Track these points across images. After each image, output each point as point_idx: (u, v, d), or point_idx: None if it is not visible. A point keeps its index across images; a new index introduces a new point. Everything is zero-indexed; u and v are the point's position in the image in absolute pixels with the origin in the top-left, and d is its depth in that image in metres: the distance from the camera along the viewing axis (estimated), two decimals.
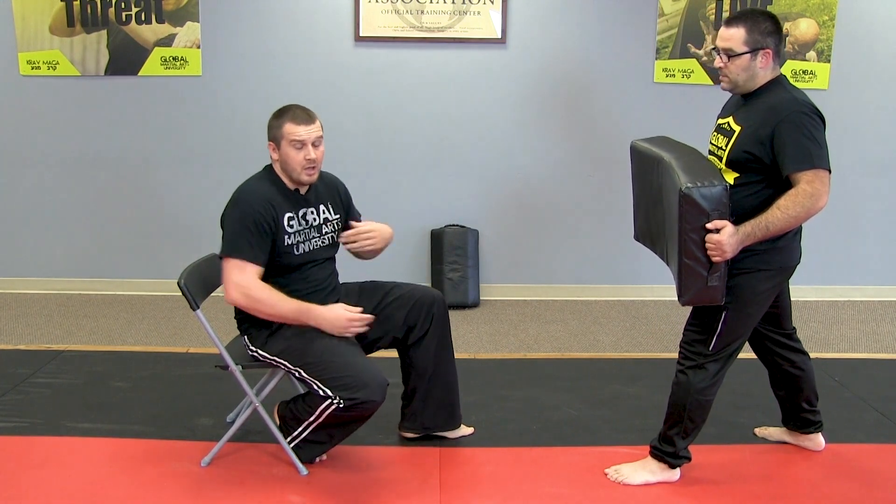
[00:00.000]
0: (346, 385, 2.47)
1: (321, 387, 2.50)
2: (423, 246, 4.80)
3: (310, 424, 2.59)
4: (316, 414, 2.55)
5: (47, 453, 2.81)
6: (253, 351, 2.69)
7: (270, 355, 2.64)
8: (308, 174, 2.66)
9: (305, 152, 2.62)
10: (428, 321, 2.80)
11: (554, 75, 4.62)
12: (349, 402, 2.47)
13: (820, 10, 4.56)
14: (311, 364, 2.54)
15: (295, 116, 2.63)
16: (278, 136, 2.63)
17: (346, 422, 2.59)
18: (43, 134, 4.67)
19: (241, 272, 2.56)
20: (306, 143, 2.62)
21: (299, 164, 2.63)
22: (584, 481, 2.67)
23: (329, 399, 2.49)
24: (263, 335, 2.66)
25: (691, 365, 2.56)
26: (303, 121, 2.62)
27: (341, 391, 2.47)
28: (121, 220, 4.77)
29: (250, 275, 2.56)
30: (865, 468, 2.79)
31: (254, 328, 2.68)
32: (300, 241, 2.67)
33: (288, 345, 2.60)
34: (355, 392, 2.46)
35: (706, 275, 2.33)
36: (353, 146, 4.62)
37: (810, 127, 2.33)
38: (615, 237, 4.69)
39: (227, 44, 4.56)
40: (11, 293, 4.77)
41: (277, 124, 2.64)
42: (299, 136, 2.60)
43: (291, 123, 2.61)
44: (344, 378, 2.48)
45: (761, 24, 2.42)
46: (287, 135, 2.61)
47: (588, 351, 4.00)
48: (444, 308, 2.86)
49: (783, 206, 2.32)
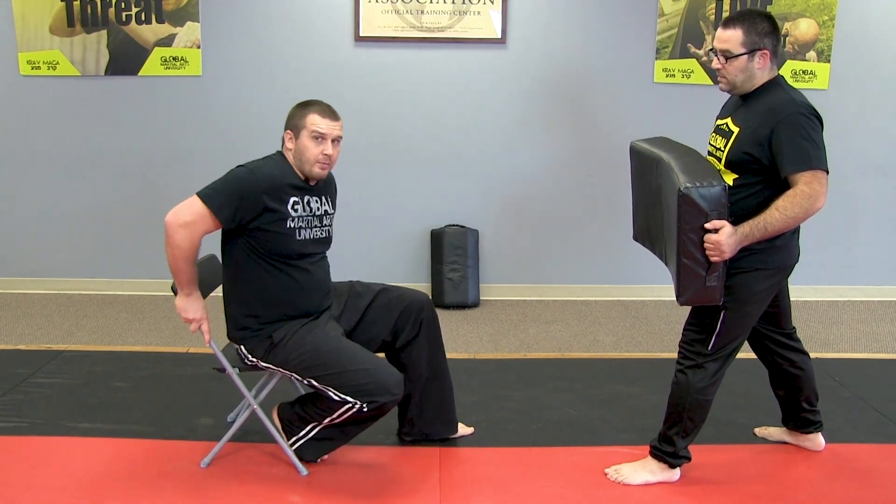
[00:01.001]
0: (367, 391, 2.46)
1: (337, 394, 2.49)
2: (423, 246, 4.80)
3: (322, 424, 2.59)
4: (334, 416, 2.54)
5: (47, 453, 2.81)
6: (252, 362, 2.66)
7: (274, 366, 2.62)
8: (321, 168, 2.62)
9: (324, 147, 2.59)
10: (416, 327, 2.78)
11: (554, 75, 4.63)
12: (372, 404, 2.47)
13: (820, 10, 4.56)
14: (325, 375, 2.50)
15: (321, 110, 2.61)
16: (299, 126, 2.60)
17: (366, 419, 2.59)
18: (43, 134, 4.68)
19: (195, 211, 2.50)
20: (326, 137, 2.59)
21: (314, 156, 2.59)
22: (584, 481, 2.67)
23: (349, 404, 2.48)
24: (263, 348, 2.62)
25: (690, 364, 2.56)
26: (328, 115, 2.61)
27: (363, 397, 2.46)
28: (121, 220, 4.77)
29: (198, 220, 2.50)
30: (865, 468, 2.79)
31: (254, 339, 2.63)
32: (302, 226, 2.63)
33: (292, 356, 2.56)
34: (377, 396, 2.46)
35: (704, 275, 2.33)
36: (352, 146, 4.60)
37: (808, 128, 2.33)
38: (615, 237, 4.69)
39: (227, 44, 4.56)
40: (11, 293, 4.77)
41: (301, 113, 2.61)
42: (321, 129, 2.58)
43: (317, 115, 2.59)
44: (364, 385, 2.47)
45: (758, 24, 2.42)
46: (309, 125, 2.58)
47: (588, 351, 4.00)
48: (433, 312, 2.84)
49: (781, 207, 2.32)
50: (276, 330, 2.60)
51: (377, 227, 4.79)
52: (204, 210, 2.50)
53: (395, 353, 2.81)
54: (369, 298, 2.80)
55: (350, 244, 4.44)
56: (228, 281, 2.70)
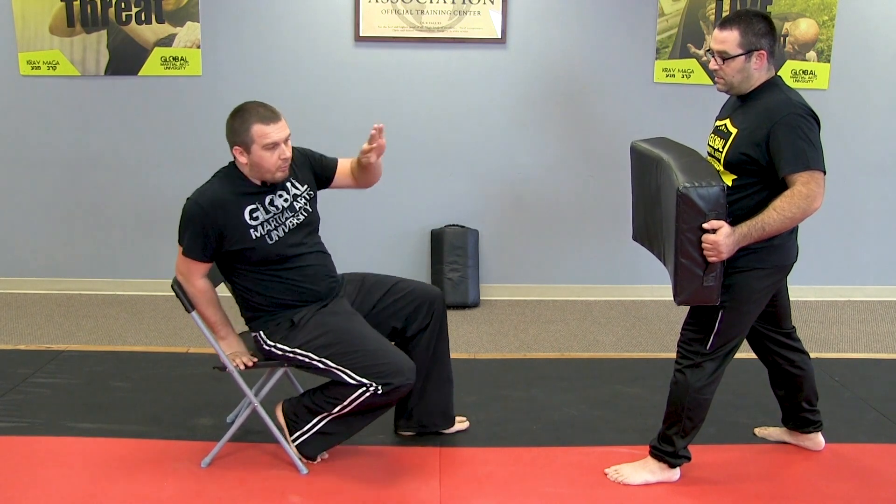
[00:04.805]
0: (382, 372, 2.49)
1: (353, 375, 2.50)
2: (423, 246, 4.79)
3: (332, 414, 2.59)
4: (346, 402, 2.54)
5: (47, 453, 2.81)
6: (270, 345, 2.66)
7: (290, 348, 2.62)
8: (282, 172, 2.59)
9: (280, 152, 2.54)
10: (428, 318, 2.81)
11: (554, 75, 4.62)
12: (387, 387, 2.48)
13: (820, 10, 4.56)
14: (341, 354, 2.53)
15: (262, 116, 2.51)
16: (247, 140, 2.51)
17: (376, 408, 2.61)
18: (43, 134, 4.67)
19: (185, 263, 2.61)
20: (279, 142, 2.53)
21: (274, 164, 2.54)
22: (584, 481, 2.67)
23: (364, 387, 2.50)
24: (283, 329, 2.64)
25: (689, 364, 2.56)
26: (271, 120, 2.52)
27: (377, 378, 2.48)
28: (121, 220, 4.77)
29: (191, 269, 2.61)
30: (865, 468, 2.79)
31: (272, 322, 2.66)
32: (271, 228, 2.60)
33: (312, 336, 2.59)
34: (392, 378, 2.48)
35: (702, 275, 2.34)
36: (352, 146, 4.56)
37: (805, 128, 2.34)
38: (615, 237, 4.68)
39: (227, 44, 4.56)
40: (11, 293, 4.77)
41: (243, 127, 2.51)
42: (272, 138, 2.51)
43: (260, 125, 2.50)
44: (379, 366, 2.49)
45: (755, 25, 2.43)
46: (258, 138, 2.50)
47: (588, 351, 4.00)
48: (444, 306, 2.87)
49: (779, 208, 2.33)
50: (296, 314, 2.64)
51: (377, 227, 4.79)
52: (185, 258, 2.60)
53: (404, 341, 2.84)
54: (385, 287, 2.83)
55: (350, 244, 4.44)
56: (234, 292, 2.76)
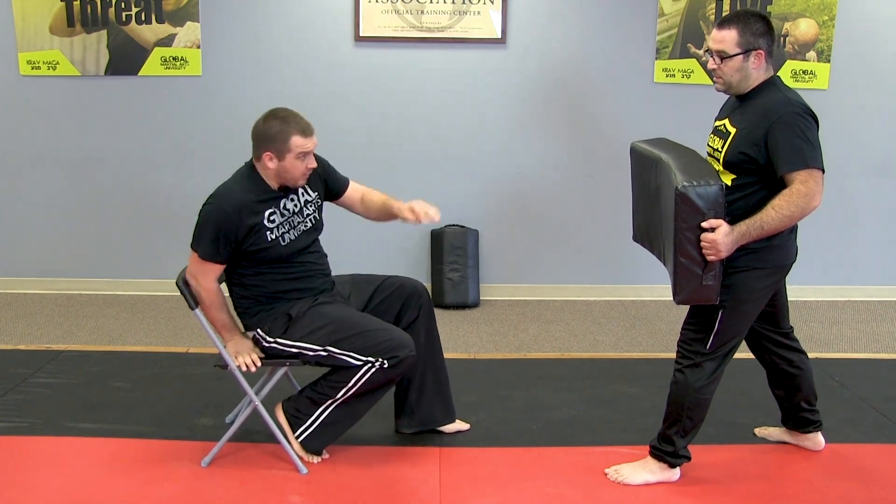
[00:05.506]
0: (387, 348, 2.58)
1: (357, 356, 2.59)
2: (423, 246, 4.80)
3: (336, 400, 2.64)
4: (352, 383, 2.61)
5: (47, 453, 2.81)
6: (270, 342, 2.70)
7: (292, 341, 2.67)
8: (304, 180, 2.71)
9: (308, 161, 2.66)
10: (415, 312, 2.86)
11: (554, 75, 4.62)
12: (393, 360, 2.57)
13: (820, 10, 4.56)
14: (344, 338, 2.60)
15: (302, 129, 2.63)
16: (283, 149, 2.61)
17: (380, 387, 2.66)
18: (43, 134, 4.67)
19: (199, 265, 2.65)
20: (310, 153, 2.66)
21: (301, 173, 2.67)
22: (584, 481, 2.67)
23: (369, 363, 2.58)
24: (281, 324, 2.69)
25: (689, 364, 2.56)
26: (308, 132, 2.65)
27: (384, 353, 2.58)
28: (121, 220, 4.77)
29: (205, 271, 2.65)
30: (865, 468, 2.79)
31: (268, 318, 2.71)
32: (285, 231, 2.71)
33: (312, 327, 2.65)
34: (397, 350, 2.58)
35: (701, 274, 2.34)
36: (352, 146, 4.61)
37: (803, 127, 2.34)
38: (615, 237, 4.68)
39: (227, 44, 4.56)
40: (11, 293, 4.77)
41: (281, 136, 2.60)
42: (307, 148, 2.64)
43: (300, 137, 2.62)
44: (383, 342, 2.59)
45: (753, 25, 2.43)
46: (295, 148, 2.61)
47: (588, 351, 4.00)
48: (430, 299, 2.93)
49: (778, 206, 2.33)
50: (292, 307, 2.70)
51: (377, 227, 4.73)
52: (200, 260, 2.64)
53: None
54: (375, 285, 2.91)
55: (350, 244, 4.43)
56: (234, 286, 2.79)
